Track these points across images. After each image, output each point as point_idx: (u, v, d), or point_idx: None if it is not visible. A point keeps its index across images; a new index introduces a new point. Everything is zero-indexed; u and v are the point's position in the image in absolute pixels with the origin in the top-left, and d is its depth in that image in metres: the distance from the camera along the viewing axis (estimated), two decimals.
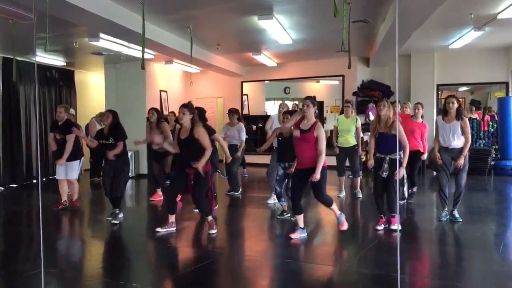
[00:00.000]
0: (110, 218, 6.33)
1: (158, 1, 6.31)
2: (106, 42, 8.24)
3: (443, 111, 6.05)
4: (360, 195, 7.85)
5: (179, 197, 6.18)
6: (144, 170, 11.36)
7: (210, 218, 5.60)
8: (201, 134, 5.45)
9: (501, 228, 5.90)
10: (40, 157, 10.09)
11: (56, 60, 10.64)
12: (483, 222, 6.08)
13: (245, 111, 13.72)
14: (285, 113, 6.08)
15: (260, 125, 13.38)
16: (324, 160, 5.15)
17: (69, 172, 7.21)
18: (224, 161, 8.56)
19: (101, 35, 7.88)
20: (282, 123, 6.00)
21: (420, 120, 7.31)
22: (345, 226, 5.47)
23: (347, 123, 7.76)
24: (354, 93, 12.01)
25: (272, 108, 15.38)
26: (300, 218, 5.42)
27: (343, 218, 5.48)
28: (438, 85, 12.02)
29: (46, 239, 5.54)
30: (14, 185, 9.95)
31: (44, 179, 10.73)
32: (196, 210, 6.58)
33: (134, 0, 5.87)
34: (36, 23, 3.72)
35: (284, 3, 6.74)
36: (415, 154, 6.97)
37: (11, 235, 6.08)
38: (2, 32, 7.72)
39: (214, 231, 5.61)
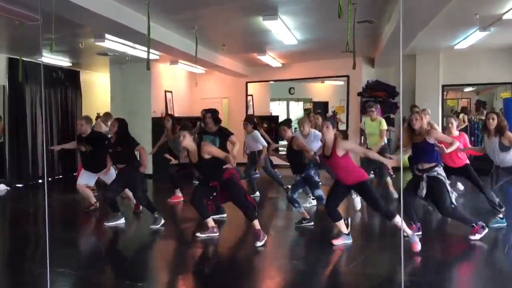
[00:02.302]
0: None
1: (163, 1, 6.33)
2: (112, 42, 8.26)
3: (484, 128, 5.89)
4: (396, 196, 7.62)
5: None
6: (149, 170, 11.38)
7: (257, 226, 5.19)
8: (210, 150, 5.24)
9: (507, 229, 5.87)
10: (46, 157, 10.17)
11: (62, 61, 10.69)
12: (488, 223, 6.04)
13: (250, 112, 13.72)
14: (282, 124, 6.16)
15: (265, 125, 13.39)
16: (365, 174, 4.98)
17: (108, 179, 6.92)
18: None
19: (107, 35, 7.91)
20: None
21: (456, 133, 6.62)
22: (418, 247, 4.79)
23: (373, 126, 7.77)
24: (359, 94, 12.00)
25: (277, 109, 15.41)
26: (341, 224, 5.15)
27: (415, 238, 4.83)
28: (443, 86, 11.97)
29: (52, 239, 5.58)
30: (21, 185, 10.01)
31: (50, 179, 10.79)
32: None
33: (140, 1, 5.89)
34: (42, 24, 3.75)
35: (289, 3, 6.74)
36: (465, 169, 6.51)
37: (17, 234, 6.13)
38: (8, 33, 7.79)
39: (260, 243, 5.15)
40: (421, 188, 5.07)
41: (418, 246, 4.75)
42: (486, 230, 5.19)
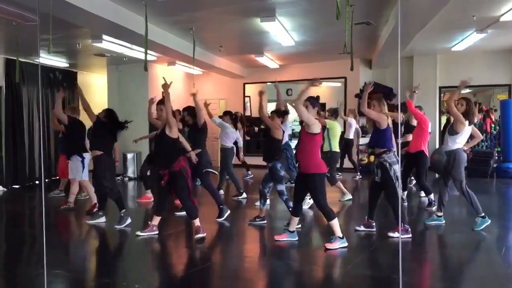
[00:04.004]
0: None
1: (161, 3, 6.32)
2: (109, 43, 8.26)
3: None
4: (343, 199, 7.78)
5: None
6: None
7: (197, 222, 5.41)
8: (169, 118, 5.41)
9: (503, 230, 5.88)
10: (43, 158, 10.13)
11: (59, 62, 10.67)
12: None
13: (248, 113, 13.74)
14: (272, 112, 6.27)
15: (262, 126, 13.37)
16: (323, 166, 5.01)
17: (71, 172, 7.18)
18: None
19: (104, 36, 7.90)
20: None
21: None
22: (330, 246, 4.97)
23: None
24: (356, 95, 12.00)
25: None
26: (294, 221, 5.30)
27: (337, 241, 4.99)
28: (440, 87, 12.01)
29: (49, 241, 5.56)
30: (17, 186, 9.97)
31: (47, 180, 10.75)
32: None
33: (137, 2, 5.89)
34: (39, 25, 3.74)
35: (287, 5, 6.75)
36: (417, 156, 6.88)
37: (14, 236, 6.10)
38: (5, 33, 7.77)
39: (200, 235, 5.37)
40: (376, 173, 5.41)
41: (332, 245, 4.94)
42: (410, 235, 5.35)
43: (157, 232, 5.65)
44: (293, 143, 9.53)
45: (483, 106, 12.24)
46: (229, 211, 6.56)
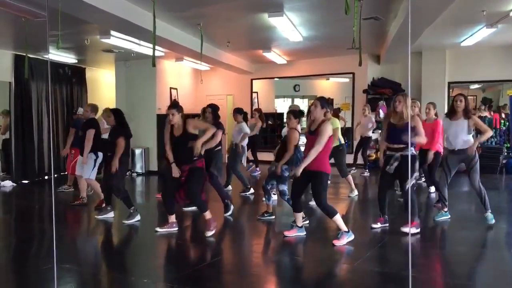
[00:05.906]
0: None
1: None
2: (117, 39, 8.28)
3: (450, 110, 5.97)
4: (351, 195, 7.69)
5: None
6: (154, 167, 11.41)
7: (208, 215, 5.43)
8: (196, 124, 5.47)
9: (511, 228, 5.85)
10: (52, 154, 10.20)
11: (67, 58, 10.70)
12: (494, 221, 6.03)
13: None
14: (289, 113, 6.22)
15: (270, 122, 13.37)
16: (329, 167, 5.03)
17: (79, 168, 7.23)
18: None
19: (112, 32, 7.92)
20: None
21: (433, 118, 7.09)
22: (338, 243, 5.00)
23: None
24: (365, 91, 11.97)
25: (281, 106, 15.39)
26: (298, 216, 5.36)
27: (344, 236, 5.05)
28: (449, 83, 11.91)
29: (58, 235, 5.60)
30: (26, 181, 10.05)
31: (56, 175, 10.82)
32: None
33: None
34: (48, 21, 3.75)
35: (294, 0, 6.72)
36: (425, 154, 6.84)
37: (23, 230, 6.15)
38: (14, 29, 7.81)
39: (210, 233, 5.41)
40: (391, 163, 5.38)
41: (340, 241, 4.99)
42: (418, 230, 5.35)
43: (176, 228, 5.63)
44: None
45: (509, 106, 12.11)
46: (232, 207, 6.57)
